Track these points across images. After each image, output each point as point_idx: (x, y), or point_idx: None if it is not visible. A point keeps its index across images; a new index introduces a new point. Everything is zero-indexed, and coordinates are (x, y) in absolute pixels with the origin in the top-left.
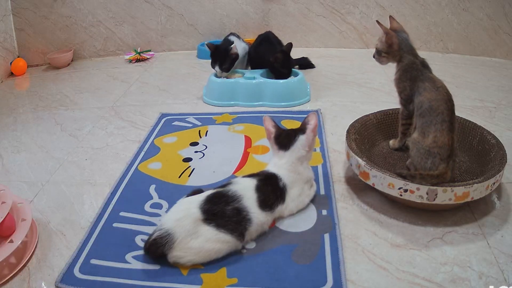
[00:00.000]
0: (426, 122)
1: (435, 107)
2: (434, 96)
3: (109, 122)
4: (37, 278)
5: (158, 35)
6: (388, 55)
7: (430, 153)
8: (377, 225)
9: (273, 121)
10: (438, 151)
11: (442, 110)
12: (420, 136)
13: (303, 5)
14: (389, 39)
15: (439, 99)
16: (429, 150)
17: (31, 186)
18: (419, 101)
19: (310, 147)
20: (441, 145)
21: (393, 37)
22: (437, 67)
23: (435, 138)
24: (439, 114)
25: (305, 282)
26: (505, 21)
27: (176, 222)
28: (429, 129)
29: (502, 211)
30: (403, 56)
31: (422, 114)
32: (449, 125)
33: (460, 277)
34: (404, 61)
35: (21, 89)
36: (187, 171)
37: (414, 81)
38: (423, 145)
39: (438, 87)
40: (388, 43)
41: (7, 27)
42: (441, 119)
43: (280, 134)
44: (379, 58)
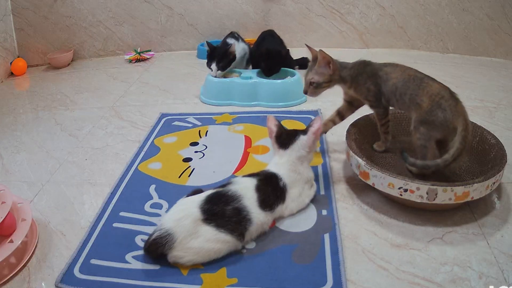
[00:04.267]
0: (411, 94)
1: (407, 77)
2: (399, 71)
3: (109, 122)
4: (37, 278)
5: (158, 35)
6: (329, 83)
7: (436, 106)
8: (377, 225)
9: (277, 121)
10: (439, 99)
11: (414, 74)
12: (417, 108)
13: (303, 5)
14: (334, 66)
15: (405, 71)
16: (432, 106)
17: (31, 186)
18: (391, 86)
19: (310, 149)
20: (436, 92)
21: (336, 63)
22: (437, 67)
23: (428, 93)
24: (415, 78)
25: (305, 282)
26: (505, 21)
27: (176, 222)
28: (418, 94)
29: (502, 211)
30: (342, 72)
31: (403, 93)
32: (429, 78)
33: (460, 277)
34: (348, 73)
35: (21, 89)
36: (187, 171)
37: (374, 76)
38: (426, 109)
39: (395, 66)
40: (334, 70)
41: (7, 27)
42: (420, 79)
43: (282, 133)
44: (317, 91)
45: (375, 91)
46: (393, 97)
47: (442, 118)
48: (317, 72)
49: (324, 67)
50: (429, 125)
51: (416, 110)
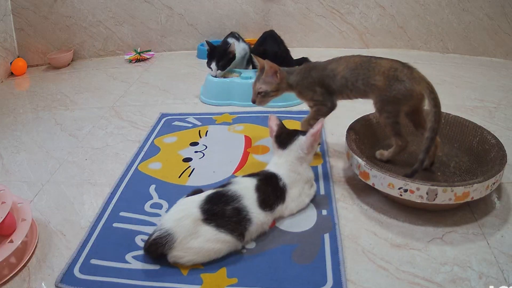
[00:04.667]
0: (363, 78)
1: (354, 65)
2: (344, 63)
3: (109, 122)
4: (37, 278)
5: (158, 35)
6: (277, 92)
7: (393, 80)
8: (377, 225)
9: (278, 120)
10: (393, 72)
11: (360, 60)
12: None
13: (303, 5)
14: (281, 75)
15: (349, 60)
16: (389, 82)
17: (31, 186)
18: (340, 79)
19: (308, 150)
20: (388, 67)
21: (283, 72)
22: (437, 67)
23: (380, 71)
24: (362, 63)
25: (305, 282)
26: (505, 21)
27: (176, 222)
28: (370, 76)
29: (502, 211)
30: (289, 79)
31: (354, 81)
32: (376, 58)
33: (460, 277)
34: (294, 79)
35: (21, 89)
36: (187, 171)
37: (320, 78)
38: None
39: (339, 59)
40: (281, 78)
41: (7, 27)
42: (367, 62)
43: (282, 132)
44: (265, 100)
45: (323, 91)
46: (345, 89)
47: (403, 89)
48: (264, 82)
49: (271, 77)
50: (393, 102)
51: (373, 91)
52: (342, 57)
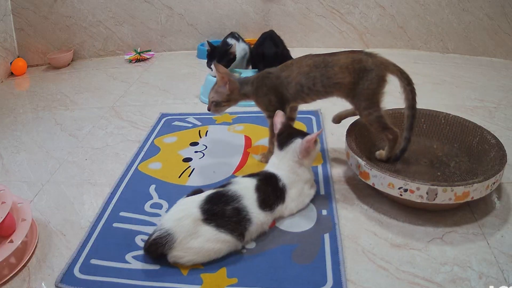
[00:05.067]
0: (323, 80)
1: (308, 69)
2: (296, 69)
3: (109, 122)
4: (37, 278)
5: (158, 35)
6: (229, 102)
7: (362, 72)
8: (377, 225)
9: (284, 118)
10: (358, 64)
11: (312, 62)
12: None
13: (303, 5)
14: (231, 86)
15: (301, 65)
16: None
17: (31, 186)
18: (295, 86)
19: (303, 155)
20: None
21: (234, 83)
22: (437, 67)
23: (342, 67)
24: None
25: (305, 282)
26: (505, 21)
27: (176, 222)
28: (331, 75)
29: (502, 211)
30: (243, 89)
31: (311, 85)
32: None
33: (460, 277)
34: (250, 89)
35: (21, 89)
36: (187, 171)
37: (274, 87)
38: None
39: (290, 65)
40: (231, 90)
41: (7, 27)
42: (322, 62)
43: (283, 132)
44: (219, 109)
45: (277, 100)
46: (301, 94)
47: (376, 77)
48: (216, 91)
49: (223, 87)
50: (369, 94)
51: (340, 89)
52: (294, 60)
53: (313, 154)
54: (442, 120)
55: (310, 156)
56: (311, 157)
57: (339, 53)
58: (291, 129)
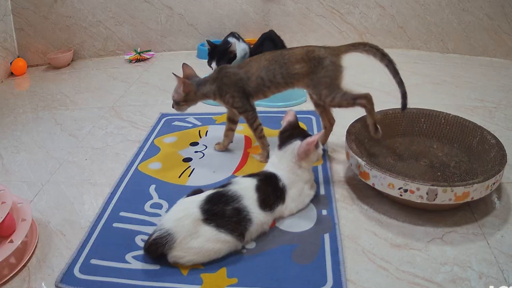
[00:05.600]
0: (282, 72)
1: (267, 63)
2: (255, 64)
3: (109, 122)
4: (37, 278)
5: (158, 35)
6: (187, 102)
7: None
8: (377, 225)
9: (292, 117)
10: (312, 54)
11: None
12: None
13: (303, 5)
14: (186, 88)
15: (260, 60)
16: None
17: (31, 186)
18: (256, 80)
19: (301, 157)
20: (305, 51)
21: (190, 85)
22: (437, 67)
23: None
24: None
25: (305, 282)
26: (505, 21)
27: (176, 222)
28: (289, 67)
29: (502, 211)
30: (201, 90)
31: (271, 77)
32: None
33: (460, 277)
34: (209, 89)
35: (21, 89)
36: (187, 171)
37: (234, 83)
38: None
39: (249, 61)
40: (185, 91)
41: (7, 27)
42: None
43: (285, 131)
44: (179, 108)
45: (240, 96)
46: (262, 88)
47: (330, 63)
48: (176, 91)
49: (180, 88)
50: (327, 81)
51: (299, 80)
52: (252, 58)
53: (312, 157)
54: (442, 120)
55: (309, 158)
56: (310, 159)
57: (295, 47)
58: (294, 130)
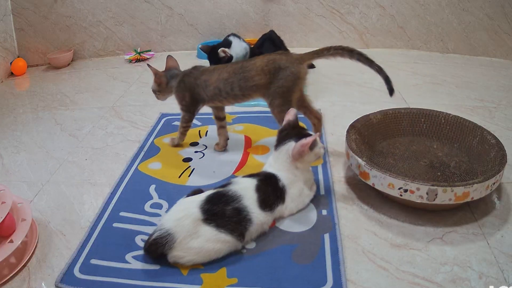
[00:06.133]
0: (241, 85)
1: (227, 75)
2: (216, 75)
3: (109, 122)
4: (37, 278)
5: (158, 35)
6: (161, 92)
7: (277, 71)
8: (377, 225)
9: (293, 116)
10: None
11: (232, 69)
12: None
13: (303, 5)
14: (157, 79)
15: (221, 72)
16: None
17: (31, 186)
18: (213, 90)
19: (296, 158)
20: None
21: (161, 77)
22: (437, 67)
23: (257, 70)
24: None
25: (305, 282)
26: (505, 21)
27: (176, 222)
28: (248, 79)
29: (502, 211)
30: (170, 83)
31: (229, 89)
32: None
33: (460, 277)
34: (173, 84)
35: (21, 89)
36: (187, 171)
37: (191, 87)
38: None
39: (212, 71)
40: (157, 82)
41: (7, 27)
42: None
43: (283, 130)
44: (157, 97)
45: (191, 98)
46: (218, 97)
47: (290, 74)
48: (154, 82)
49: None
50: (283, 91)
51: (257, 91)
52: (216, 67)
53: (308, 158)
54: (442, 120)
55: (304, 160)
56: (305, 160)
57: (256, 58)
58: (292, 129)
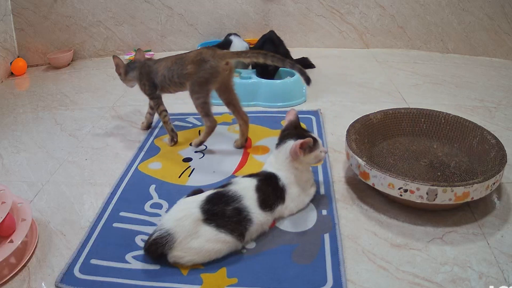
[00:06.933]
0: (178, 73)
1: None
2: (164, 63)
3: (109, 122)
4: (37, 278)
5: (158, 35)
6: (124, 81)
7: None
8: (377, 225)
9: (294, 116)
10: (199, 56)
11: (175, 59)
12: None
13: (303, 5)
14: (117, 70)
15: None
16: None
17: (31, 186)
18: (160, 76)
19: (294, 157)
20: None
21: (119, 68)
22: (437, 67)
23: (188, 60)
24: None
25: (305, 282)
26: (505, 21)
27: (176, 222)
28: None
29: (502, 211)
30: (129, 75)
31: (170, 76)
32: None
33: (460, 277)
34: (133, 75)
35: (21, 89)
36: (187, 171)
37: (147, 74)
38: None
39: (165, 59)
40: (117, 73)
41: (7, 27)
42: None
43: (285, 130)
44: (124, 84)
45: (149, 85)
46: (166, 85)
47: (209, 67)
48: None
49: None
50: (201, 81)
51: (187, 79)
52: (165, 57)
53: (304, 159)
54: (442, 120)
55: (302, 160)
56: (304, 161)
57: (192, 51)
58: (293, 130)
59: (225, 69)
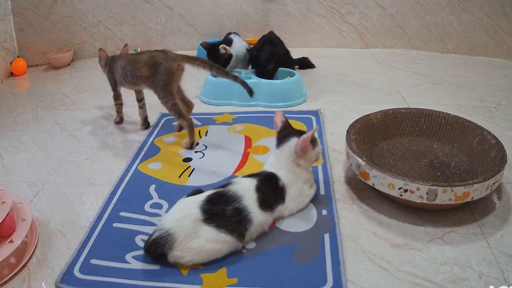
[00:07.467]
0: (132, 74)
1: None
2: (123, 62)
3: (109, 122)
4: (37, 278)
5: (158, 35)
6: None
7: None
8: (377, 225)
9: (283, 117)
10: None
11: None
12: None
13: (303, 5)
14: (99, 61)
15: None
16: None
17: (31, 186)
18: (118, 74)
19: (299, 155)
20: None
21: (101, 60)
22: (437, 67)
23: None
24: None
25: (305, 282)
26: (505, 21)
27: (176, 222)
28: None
29: (502, 211)
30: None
31: (125, 75)
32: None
33: (460, 277)
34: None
35: (21, 89)
36: (187, 171)
37: (111, 70)
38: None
39: (125, 57)
40: (100, 64)
41: (7, 27)
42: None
43: (282, 130)
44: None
45: (112, 80)
46: (123, 81)
47: (164, 69)
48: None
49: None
50: (163, 84)
51: (144, 82)
52: (125, 56)
53: (310, 155)
54: (442, 120)
55: (307, 156)
56: (308, 157)
57: (145, 52)
58: (290, 129)
59: (178, 69)
